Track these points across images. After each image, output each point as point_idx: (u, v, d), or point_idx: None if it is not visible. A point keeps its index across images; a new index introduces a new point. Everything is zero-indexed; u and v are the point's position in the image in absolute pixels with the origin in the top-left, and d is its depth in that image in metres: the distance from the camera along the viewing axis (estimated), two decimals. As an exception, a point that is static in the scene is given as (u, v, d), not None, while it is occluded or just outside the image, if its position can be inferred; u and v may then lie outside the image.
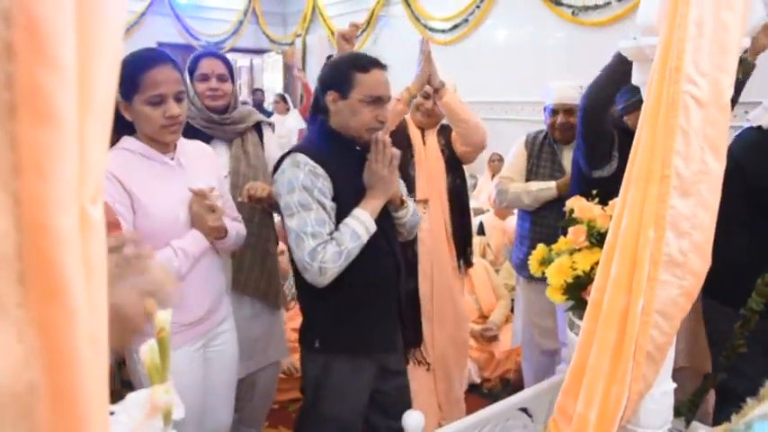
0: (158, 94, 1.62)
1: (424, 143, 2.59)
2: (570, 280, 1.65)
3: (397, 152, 1.86)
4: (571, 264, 1.66)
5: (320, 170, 1.74)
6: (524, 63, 5.60)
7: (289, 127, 7.19)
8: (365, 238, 1.75)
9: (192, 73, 2.22)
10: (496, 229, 4.19)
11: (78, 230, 0.40)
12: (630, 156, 1.18)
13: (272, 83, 9.75)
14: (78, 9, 0.38)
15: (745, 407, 0.99)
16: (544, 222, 2.64)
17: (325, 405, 1.89)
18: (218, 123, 2.21)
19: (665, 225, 1.15)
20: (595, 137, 2.27)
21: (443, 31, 6.55)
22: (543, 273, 1.82)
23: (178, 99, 1.66)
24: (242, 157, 2.23)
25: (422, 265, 2.52)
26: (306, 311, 1.95)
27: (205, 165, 1.88)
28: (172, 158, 1.76)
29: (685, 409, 1.85)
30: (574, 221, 1.72)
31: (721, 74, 1.06)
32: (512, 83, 5.66)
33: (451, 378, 2.67)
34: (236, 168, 2.21)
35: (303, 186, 1.71)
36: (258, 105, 7.53)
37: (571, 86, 2.62)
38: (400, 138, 2.46)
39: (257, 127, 2.35)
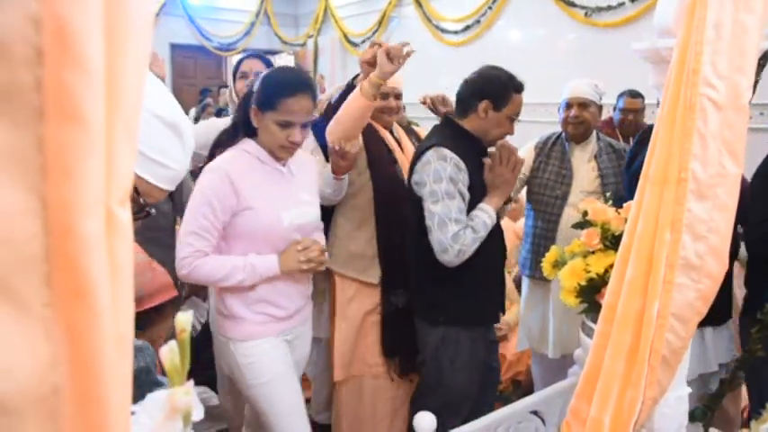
0: (288, 121, 1.77)
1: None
2: (584, 282, 1.64)
3: (521, 159, 2.17)
4: (585, 266, 1.66)
5: (462, 165, 2.02)
6: (536, 64, 5.58)
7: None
8: (489, 229, 2.04)
9: (234, 73, 2.41)
10: (508, 231, 4.17)
11: (104, 232, 0.40)
12: (647, 158, 1.18)
13: (284, 84, 9.78)
14: (106, 12, 0.38)
15: (765, 412, 0.98)
16: (545, 218, 2.63)
17: (445, 376, 2.13)
18: None
19: (681, 228, 1.14)
20: None
21: (455, 32, 6.54)
22: (556, 275, 1.81)
23: (304, 126, 1.81)
24: None
25: None
26: (428, 291, 2.17)
27: (311, 174, 2.05)
28: (284, 165, 1.90)
29: (700, 413, 1.84)
30: (588, 224, 1.71)
31: (740, 76, 1.05)
32: (524, 84, 5.64)
33: None
34: None
35: (450, 177, 1.98)
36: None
37: (587, 83, 2.65)
38: (375, 140, 2.41)
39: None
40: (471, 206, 2.06)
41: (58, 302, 0.40)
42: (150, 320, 1.33)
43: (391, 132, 2.49)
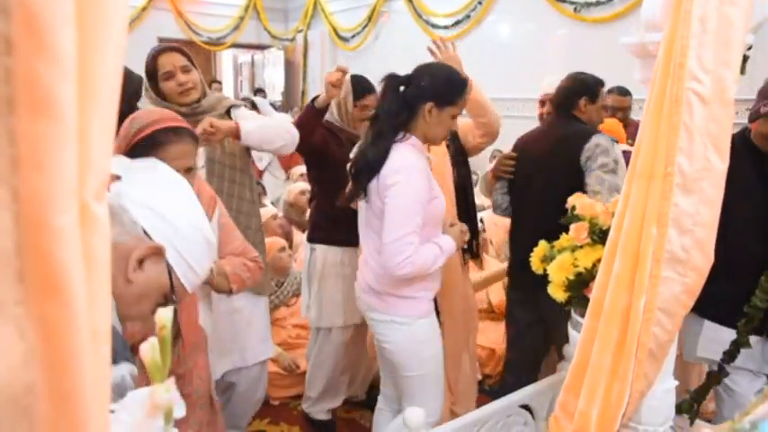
0: (458, 113, 1.98)
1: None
2: (572, 277, 1.64)
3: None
4: (573, 261, 1.66)
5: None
6: (526, 59, 5.58)
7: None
8: None
9: (153, 73, 2.13)
10: (497, 226, 4.18)
11: (79, 226, 0.39)
12: (633, 153, 1.18)
13: (274, 79, 9.73)
14: (78, 3, 0.37)
15: (750, 405, 0.99)
16: None
17: None
18: (190, 115, 2.10)
19: (667, 222, 1.14)
20: None
21: (445, 27, 6.52)
22: (545, 270, 1.81)
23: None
24: (217, 144, 2.17)
25: None
26: None
27: None
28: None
29: (687, 406, 1.85)
30: (576, 218, 1.71)
31: (725, 70, 1.05)
32: (513, 79, 5.65)
33: (463, 366, 2.68)
34: (212, 156, 2.18)
35: (615, 158, 2.29)
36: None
37: (559, 78, 2.63)
38: None
39: (229, 112, 2.28)
40: None
41: (31, 299, 0.39)
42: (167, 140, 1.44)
43: None
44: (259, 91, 9.23)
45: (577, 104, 2.48)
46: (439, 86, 1.93)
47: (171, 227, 0.97)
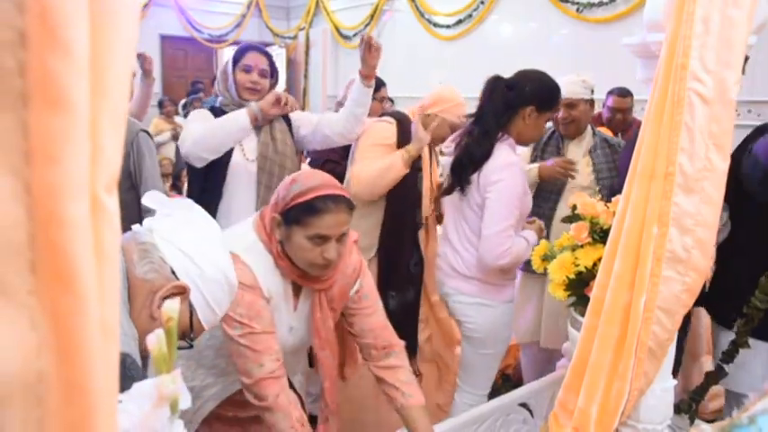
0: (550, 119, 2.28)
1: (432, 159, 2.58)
2: (572, 276, 1.65)
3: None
4: (573, 260, 1.67)
5: None
6: (528, 59, 5.56)
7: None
8: None
9: (236, 62, 2.31)
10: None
11: (90, 218, 0.40)
12: (635, 152, 1.18)
13: (275, 76, 9.73)
14: (92, 3, 0.38)
15: (747, 401, 0.99)
16: (538, 213, 2.63)
17: None
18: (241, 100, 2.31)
19: (668, 222, 1.15)
20: None
21: (447, 26, 6.52)
22: (545, 269, 1.82)
23: None
24: (270, 143, 2.29)
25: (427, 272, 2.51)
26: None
27: None
28: None
29: (686, 405, 1.86)
30: (577, 218, 1.72)
31: (727, 71, 1.06)
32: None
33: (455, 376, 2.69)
34: (264, 153, 2.27)
35: None
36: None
37: (573, 81, 2.62)
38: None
39: (286, 117, 2.41)
40: None
41: (43, 289, 0.40)
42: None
43: None
44: None
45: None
46: (541, 92, 2.11)
47: (197, 268, 1.01)
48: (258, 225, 1.53)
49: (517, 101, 2.09)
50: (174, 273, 0.99)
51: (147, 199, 1.03)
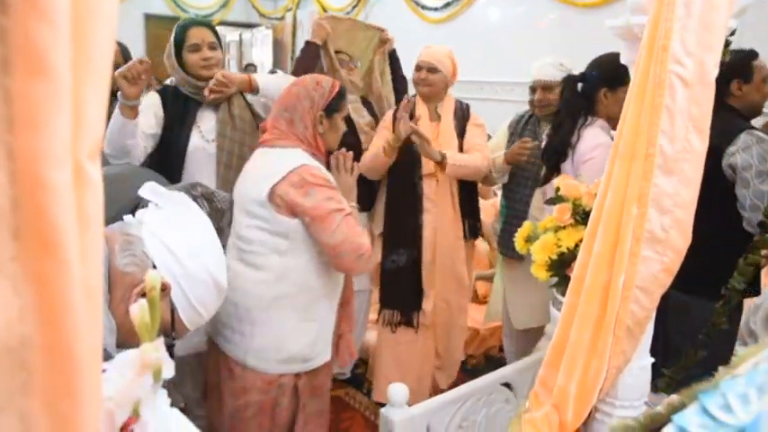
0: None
1: (433, 122, 2.65)
2: (555, 257, 1.67)
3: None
4: (556, 241, 1.69)
5: None
6: (516, 43, 5.58)
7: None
8: None
9: (180, 43, 2.22)
10: (485, 207, 4.22)
11: (73, 185, 0.40)
12: (616, 133, 1.20)
13: (262, 58, 9.62)
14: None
15: (717, 375, 1.02)
16: (515, 197, 2.66)
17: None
18: (195, 87, 2.25)
19: (647, 202, 1.17)
20: None
21: (435, 9, 6.49)
22: (528, 250, 1.84)
23: None
24: (228, 120, 2.25)
25: (426, 232, 2.61)
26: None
27: None
28: None
29: (664, 384, 1.90)
30: (560, 200, 1.74)
31: (707, 53, 1.07)
32: (503, 63, 5.65)
33: (450, 341, 2.79)
34: (223, 132, 2.24)
35: None
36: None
37: (550, 64, 2.64)
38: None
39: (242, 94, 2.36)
40: None
41: (25, 255, 0.40)
42: None
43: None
44: (249, 65, 9.14)
45: (729, 90, 2.27)
46: (608, 73, 2.23)
47: (180, 266, 0.99)
48: (298, 143, 1.80)
49: (590, 89, 2.30)
50: (155, 268, 0.97)
51: (145, 190, 1.02)
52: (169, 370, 0.54)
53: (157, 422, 0.53)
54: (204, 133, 2.22)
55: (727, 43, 1.34)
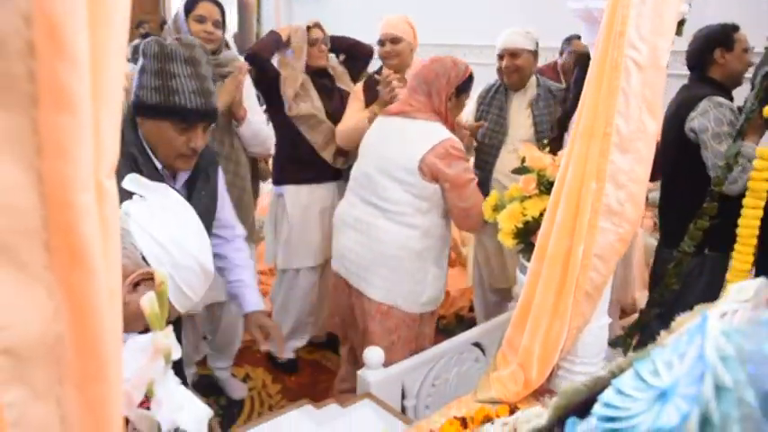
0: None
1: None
2: (520, 225, 1.76)
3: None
4: (522, 210, 1.77)
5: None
6: (485, 5, 5.58)
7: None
8: None
9: (188, 12, 2.32)
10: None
11: (96, 202, 0.46)
12: (576, 113, 1.28)
13: (227, 19, 9.38)
14: (90, 10, 0.43)
15: (676, 322, 1.13)
16: (481, 167, 2.73)
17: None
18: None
19: (605, 178, 1.26)
20: None
21: (403, -31, 6.42)
22: (495, 218, 1.93)
23: None
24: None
25: None
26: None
27: None
28: None
29: (621, 341, 2.04)
30: (526, 170, 1.82)
31: (660, 39, 1.14)
32: (472, 26, 5.66)
33: None
34: None
35: (730, 121, 2.16)
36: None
37: (517, 32, 2.68)
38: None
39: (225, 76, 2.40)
40: None
41: (57, 265, 0.46)
42: None
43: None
44: None
45: (712, 59, 2.35)
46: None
47: (169, 256, 1.03)
48: (435, 117, 2.02)
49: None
50: (144, 259, 1.00)
51: (128, 182, 1.05)
52: (177, 353, 0.61)
53: (169, 399, 0.60)
54: None
55: (682, 21, 1.41)
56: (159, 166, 1.49)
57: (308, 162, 2.67)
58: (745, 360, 0.43)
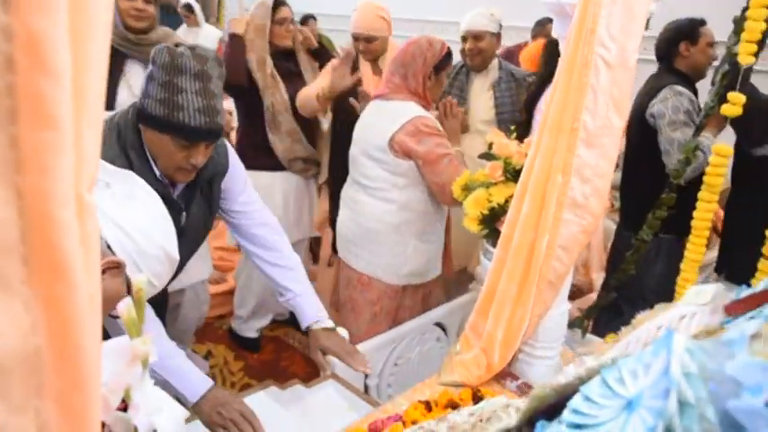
0: None
1: (376, 76, 2.66)
2: (486, 211, 1.79)
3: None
4: (488, 196, 1.80)
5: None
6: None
7: (201, 42, 6.38)
8: None
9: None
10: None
11: (76, 216, 0.45)
12: (545, 108, 1.30)
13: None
14: (71, 23, 0.42)
15: (636, 319, 1.18)
16: None
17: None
18: (134, 44, 2.16)
19: (571, 171, 1.29)
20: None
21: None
22: (464, 198, 1.95)
23: None
24: None
25: None
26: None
27: None
28: None
29: (579, 322, 2.11)
30: (492, 157, 1.84)
31: (629, 39, 1.17)
32: (443, 1, 5.62)
33: None
34: None
35: (687, 110, 2.28)
36: (168, 10, 6.72)
37: (480, 14, 2.69)
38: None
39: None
40: None
41: (35, 279, 0.45)
42: None
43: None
44: (186, 5, 8.54)
45: (677, 51, 2.46)
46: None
47: (134, 243, 1.01)
48: (410, 97, 2.08)
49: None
50: (110, 248, 0.99)
51: None
52: (154, 357, 0.61)
53: (146, 402, 0.60)
54: (134, 88, 2.13)
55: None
56: (158, 173, 1.43)
57: (268, 149, 2.66)
58: (707, 378, 0.46)
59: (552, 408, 0.62)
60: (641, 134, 2.36)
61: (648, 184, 2.15)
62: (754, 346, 0.45)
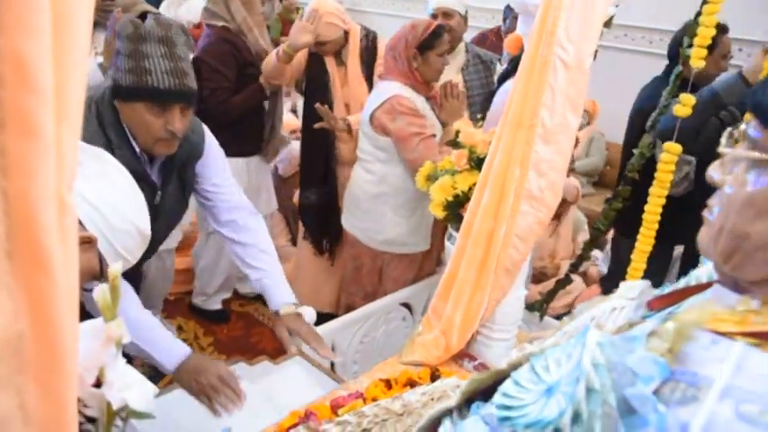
0: None
1: (340, 67, 2.68)
2: (451, 198, 1.86)
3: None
4: (453, 183, 1.87)
5: None
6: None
7: (182, 17, 6.01)
8: None
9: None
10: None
11: (57, 215, 0.50)
12: (506, 104, 1.36)
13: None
14: (54, 42, 0.46)
15: (576, 310, 1.27)
16: None
17: None
18: (101, 10, 2.15)
19: (528, 165, 1.36)
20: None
21: None
22: (428, 187, 2.02)
23: None
24: (112, 40, 2.15)
25: (340, 179, 2.73)
26: None
27: None
28: None
29: (538, 305, 2.21)
30: (457, 145, 1.90)
31: (586, 43, 1.23)
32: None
33: None
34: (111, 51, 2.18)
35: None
36: None
37: None
38: (317, 67, 2.63)
39: (143, 16, 2.28)
40: None
41: (19, 271, 0.50)
42: None
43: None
44: None
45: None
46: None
47: (104, 219, 1.03)
48: (398, 77, 2.23)
49: None
50: (81, 223, 1.00)
51: None
52: (126, 339, 0.66)
53: (119, 380, 0.65)
54: (100, 57, 2.16)
55: (611, 18, 1.50)
56: (138, 149, 1.44)
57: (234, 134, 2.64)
58: (611, 369, 0.53)
59: (489, 390, 0.69)
60: (639, 140, 2.37)
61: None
62: (650, 342, 0.53)
